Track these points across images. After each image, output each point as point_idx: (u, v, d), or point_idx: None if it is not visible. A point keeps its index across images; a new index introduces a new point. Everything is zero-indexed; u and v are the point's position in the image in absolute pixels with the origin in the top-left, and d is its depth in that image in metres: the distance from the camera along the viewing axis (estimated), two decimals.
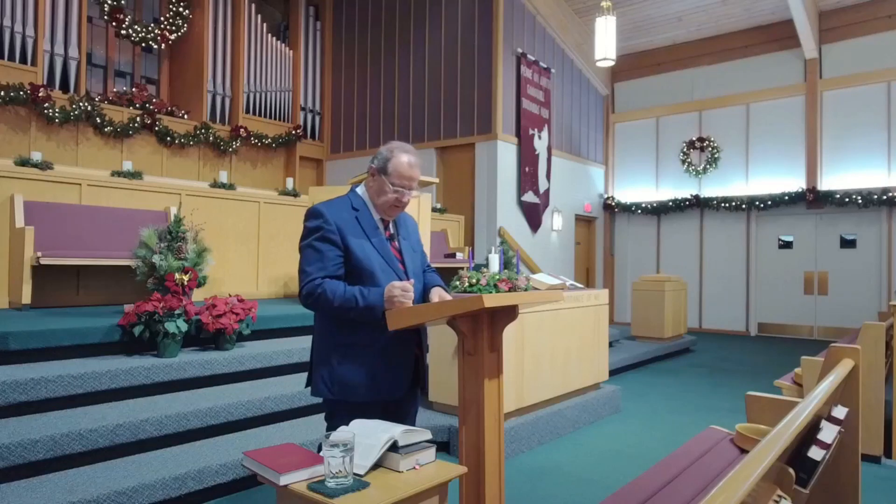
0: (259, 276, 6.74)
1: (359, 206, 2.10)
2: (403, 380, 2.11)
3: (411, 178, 2.07)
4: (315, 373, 2.12)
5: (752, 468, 1.18)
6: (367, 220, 2.09)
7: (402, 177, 2.05)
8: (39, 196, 5.23)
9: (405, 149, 2.09)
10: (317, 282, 1.97)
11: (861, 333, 3.89)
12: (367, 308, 1.95)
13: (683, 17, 10.75)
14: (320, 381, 2.08)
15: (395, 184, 2.05)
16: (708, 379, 6.68)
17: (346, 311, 1.96)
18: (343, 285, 1.98)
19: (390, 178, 2.05)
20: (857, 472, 2.24)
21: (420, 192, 2.13)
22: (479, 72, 9.21)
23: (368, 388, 2.04)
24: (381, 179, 2.06)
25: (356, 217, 2.07)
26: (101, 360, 3.58)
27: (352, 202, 2.10)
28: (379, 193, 2.08)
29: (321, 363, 2.09)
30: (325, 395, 2.08)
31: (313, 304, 1.99)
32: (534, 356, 4.23)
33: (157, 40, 9.10)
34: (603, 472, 3.62)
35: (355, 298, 1.95)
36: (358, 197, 2.13)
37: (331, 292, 1.95)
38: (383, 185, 2.06)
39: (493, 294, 1.94)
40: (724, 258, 11.04)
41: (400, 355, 2.09)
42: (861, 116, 9.80)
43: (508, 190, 9.22)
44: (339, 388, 2.05)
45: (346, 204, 2.09)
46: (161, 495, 2.73)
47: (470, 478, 1.99)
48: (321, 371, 2.08)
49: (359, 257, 2.02)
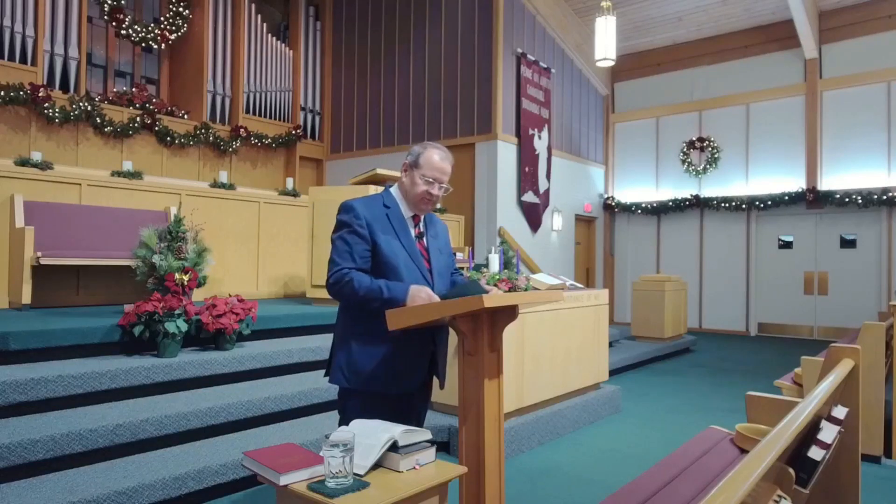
0: (259, 276, 6.74)
1: (390, 204, 2.18)
2: (418, 373, 2.17)
3: (442, 171, 2.16)
4: (333, 360, 2.19)
5: (752, 468, 1.18)
6: (397, 218, 2.17)
7: (433, 168, 2.14)
8: (39, 196, 5.23)
9: (437, 145, 2.21)
10: (344, 271, 2.06)
11: (861, 333, 3.89)
12: (390, 300, 2.02)
13: (683, 17, 10.75)
14: (337, 369, 2.15)
15: (427, 175, 2.14)
16: (708, 379, 6.68)
17: (370, 301, 2.03)
18: (369, 277, 2.07)
19: (422, 169, 2.14)
20: (857, 472, 2.24)
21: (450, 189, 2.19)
22: (479, 72, 9.21)
23: (384, 378, 2.09)
24: (413, 173, 2.16)
25: (387, 214, 2.15)
26: (101, 360, 3.58)
27: (384, 200, 2.19)
28: (411, 187, 2.16)
29: (340, 350, 2.16)
30: (341, 382, 2.14)
31: (339, 292, 2.08)
32: (534, 356, 4.22)
33: (157, 40, 9.09)
34: (603, 472, 3.62)
35: (380, 290, 2.03)
36: (390, 195, 2.22)
37: (357, 282, 2.04)
38: (415, 177, 2.15)
39: (493, 294, 1.94)
40: (724, 258, 11.04)
41: (417, 349, 2.15)
42: (861, 116, 9.80)
43: (508, 190, 9.22)
44: (354, 376, 2.11)
45: (379, 201, 2.18)
46: (161, 495, 2.73)
47: (470, 478, 1.99)
48: (339, 358, 2.15)
49: (385, 253, 2.10)
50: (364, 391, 2.11)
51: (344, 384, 2.14)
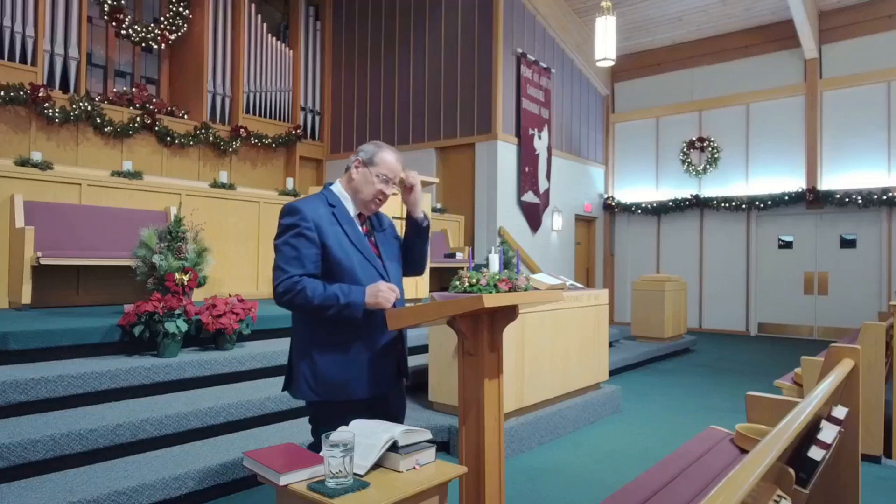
0: (259, 276, 6.74)
1: (335, 202, 2.10)
2: (388, 374, 2.09)
3: (395, 172, 2.12)
4: (296, 372, 2.05)
5: (752, 468, 1.18)
6: (343, 216, 2.08)
7: (389, 168, 2.09)
8: (39, 196, 5.23)
9: (389, 146, 2.17)
10: (295, 279, 1.93)
11: (861, 333, 3.89)
12: (348, 306, 1.92)
13: (683, 17, 10.74)
14: (303, 382, 2.01)
15: (381, 174, 2.08)
16: (708, 379, 6.68)
17: (326, 309, 1.92)
18: (322, 283, 1.95)
19: (377, 168, 2.09)
20: (857, 472, 2.24)
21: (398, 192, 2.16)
22: (479, 72, 9.21)
23: (353, 384, 2.00)
24: (367, 171, 2.09)
25: (333, 213, 2.06)
26: (101, 360, 3.58)
27: (327, 198, 2.10)
28: (364, 185, 2.10)
29: (301, 361, 2.03)
30: (307, 396, 2.02)
31: (289, 301, 1.93)
32: (534, 356, 4.22)
33: (157, 40, 9.10)
34: (603, 472, 3.62)
35: (336, 296, 1.92)
36: (333, 194, 2.13)
37: (310, 290, 1.91)
38: (369, 176, 2.09)
39: (493, 294, 1.94)
40: (724, 258, 11.04)
41: (383, 349, 2.07)
42: (861, 116, 9.80)
43: (508, 190, 9.22)
44: (321, 387, 2.00)
45: (322, 200, 2.09)
46: (161, 495, 2.73)
47: (470, 478, 1.99)
48: (302, 369, 2.02)
49: (337, 254, 2.01)
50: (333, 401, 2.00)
51: (311, 397, 2.01)
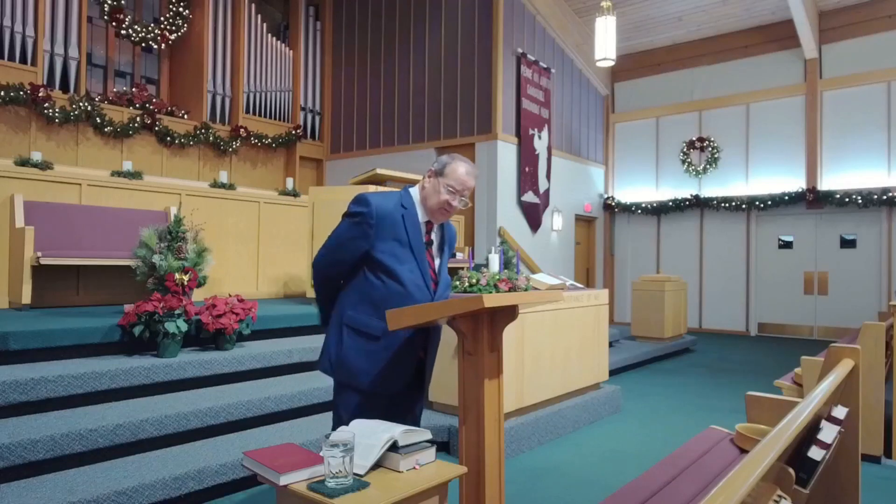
0: (259, 276, 6.74)
1: (408, 206, 2.15)
2: (401, 378, 2.15)
3: (465, 185, 2.14)
4: (324, 347, 2.22)
5: (752, 468, 1.18)
6: (411, 220, 2.14)
7: (457, 180, 2.12)
8: (39, 196, 5.23)
9: (465, 159, 2.20)
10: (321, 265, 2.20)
11: (861, 333, 3.88)
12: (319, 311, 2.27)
13: (683, 17, 10.74)
14: (326, 358, 2.19)
15: (450, 186, 2.12)
16: (708, 379, 6.68)
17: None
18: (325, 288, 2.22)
19: (446, 179, 2.12)
20: (857, 472, 2.24)
21: (469, 204, 2.18)
22: (479, 72, 9.21)
23: (366, 376, 2.09)
24: (437, 181, 2.14)
25: (402, 215, 2.13)
26: (101, 360, 3.58)
27: (402, 199, 2.16)
28: (432, 195, 2.14)
29: (332, 337, 2.19)
30: (327, 371, 2.18)
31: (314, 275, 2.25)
32: (534, 356, 4.22)
33: (157, 40, 9.10)
34: (603, 472, 3.62)
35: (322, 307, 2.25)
36: (409, 196, 2.18)
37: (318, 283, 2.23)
38: (438, 186, 2.13)
39: (493, 294, 1.94)
40: (724, 258, 11.04)
41: (405, 354, 2.13)
42: (861, 116, 9.80)
43: (508, 190, 9.22)
44: (339, 367, 2.13)
45: (397, 199, 2.15)
46: (161, 495, 2.72)
47: (470, 478, 1.99)
48: (329, 347, 2.18)
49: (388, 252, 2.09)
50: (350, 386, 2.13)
51: (330, 374, 2.17)
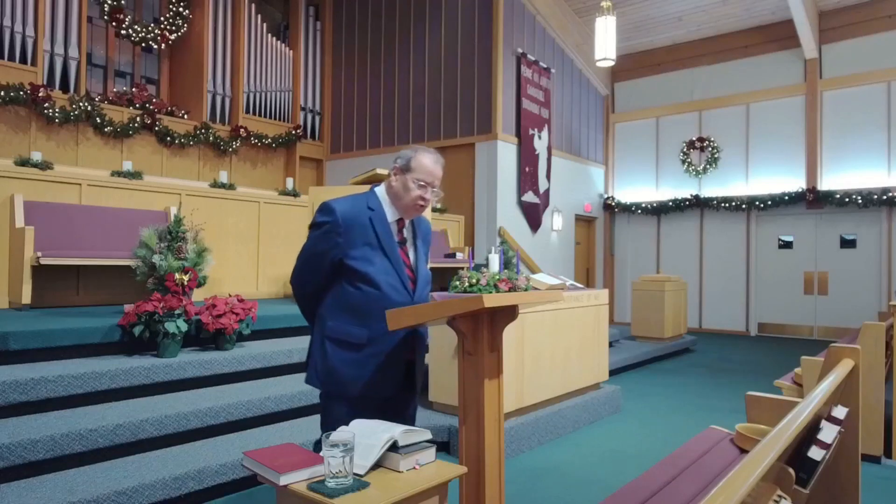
0: (259, 276, 6.74)
1: (374, 206, 2.07)
2: (391, 382, 2.10)
3: (434, 175, 2.07)
4: (310, 360, 2.17)
5: (752, 468, 1.18)
6: (380, 222, 2.06)
7: (426, 172, 2.05)
8: (39, 196, 5.23)
9: (427, 149, 2.14)
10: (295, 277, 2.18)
11: (861, 333, 3.89)
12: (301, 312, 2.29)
13: (683, 17, 10.74)
14: (313, 371, 2.14)
15: (420, 179, 2.04)
16: (708, 379, 6.68)
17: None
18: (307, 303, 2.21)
19: (414, 173, 2.05)
20: (857, 472, 2.24)
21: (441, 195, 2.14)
22: (479, 72, 9.21)
23: (357, 384, 2.04)
24: (404, 178, 2.06)
25: (370, 217, 2.05)
26: (101, 360, 3.58)
27: (368, 201, 2.08)
28: (402, 192, 2.07)
29: (317, 350, 2.14)
30: (314, 384, 2.13)
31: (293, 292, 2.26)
32: (534, 356, 4.22)
33: (157, 40, 9.10)
34: (603, 472, 3.62)
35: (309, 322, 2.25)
36: (375, 197, 2.10)
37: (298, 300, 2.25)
38: (406, 182, 2.05)
39: (493, 294, 1.94)
40: (724, 258, 11.04)
41: (393, 357, 2.07)
42: (861, 116, 9.79)
43: (508, 190, 9.22)
44: (328, 378, 2.08)
45: (362, 202, 2.07)
46: (161, 495, 2.73)
47: (470, 478, 1.99)
48: (315, 359, 2.13)
49: (360, 261, 2.02)
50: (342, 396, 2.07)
51: (318, 386, 2.11)
